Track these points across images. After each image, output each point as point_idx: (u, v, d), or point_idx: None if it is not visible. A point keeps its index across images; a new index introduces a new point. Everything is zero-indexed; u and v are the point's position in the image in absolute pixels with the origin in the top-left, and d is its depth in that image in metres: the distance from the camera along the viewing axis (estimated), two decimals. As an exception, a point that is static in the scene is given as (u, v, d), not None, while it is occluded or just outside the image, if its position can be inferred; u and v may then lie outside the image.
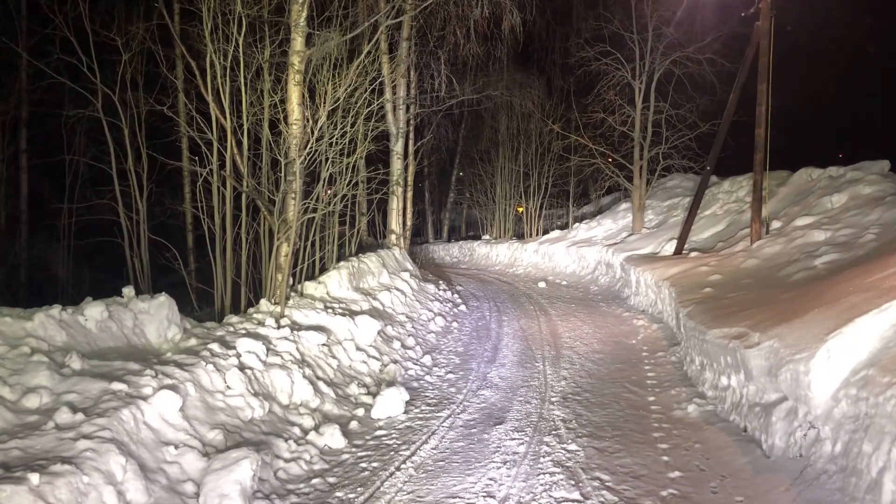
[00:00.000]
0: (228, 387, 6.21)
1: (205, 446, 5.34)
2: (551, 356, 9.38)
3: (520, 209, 26.51)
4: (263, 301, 8.70)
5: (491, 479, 5.40)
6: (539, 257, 20.82)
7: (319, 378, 7.44)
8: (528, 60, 25.23)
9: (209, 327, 7.51)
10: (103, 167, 11.60)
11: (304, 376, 7.08)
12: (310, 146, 9.45)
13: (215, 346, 6.66)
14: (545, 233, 23.31)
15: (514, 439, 6.25)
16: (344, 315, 9.09)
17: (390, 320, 10.32)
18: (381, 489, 5.29)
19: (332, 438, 6.23)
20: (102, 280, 12.83)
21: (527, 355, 9.50)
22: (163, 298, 6.93)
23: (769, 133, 11.57)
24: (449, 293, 14.00)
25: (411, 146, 16.96)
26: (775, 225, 11.93)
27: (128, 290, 7.03)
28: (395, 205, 15.85)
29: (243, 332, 7.43)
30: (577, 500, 5.00)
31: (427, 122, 21.71)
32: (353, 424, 6.75)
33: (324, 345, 8.09)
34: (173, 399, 5.39)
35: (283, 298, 8.79)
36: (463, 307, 13.31)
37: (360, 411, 7.11)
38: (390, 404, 7.09)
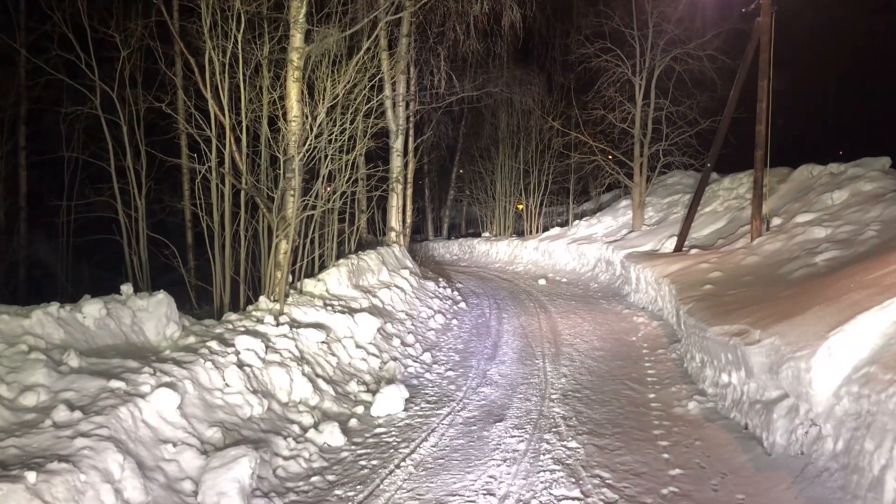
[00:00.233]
0: (227, 384, 6.18)
1: (203, 444, 5.32)
2: (551, 353, 9.35)
3: (520, 206, 26.47)
4: (262, 298, 8.67)
5: (491, 477, 5.38)
6: (539, 255, 20.79)
7: (319, 376, 7.41)
8: (529, 57, 25.22)
9: (208, 325, 7.48)
10: (102, 164, 11.57)
11: (304, 374, 7.06)
12: (309, 143, 9.41)
13: (214, 344, 6.64)
14: (545, 230, 23.26)
15: (514, 437, 6.23)
16: (343, 312, 9.07)
17: (390, 318, 10.30)
18: (381, 487, 5.27)
19: (332, 436, 6.21)
20: (101, 277, 12.78)
21: (527, 352, 9.48)
22: (161, 296, 6.89)
23: (770, 129, 11.53)
24: (449, 290, 13.98)
25: (411, 143, 16.91)
26: (776, 222, 11.90)
27: (126, 288, 6.99)
28: (394, 202, 15.82)
29: (242, 329, 7.40)
30: (578, 498, 4.97)
31: (427, 118, 21.69)
32: (353, 422, 6.73)
33: (323, 342, 8.07)
34: (171, 397, 5.36)
35: (282, 296, 8.77)
36: (463, 304, 13.29)
37: (360, 409, 7.09)
38: (390, 402, 7.07)
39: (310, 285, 9.90)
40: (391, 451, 6.03)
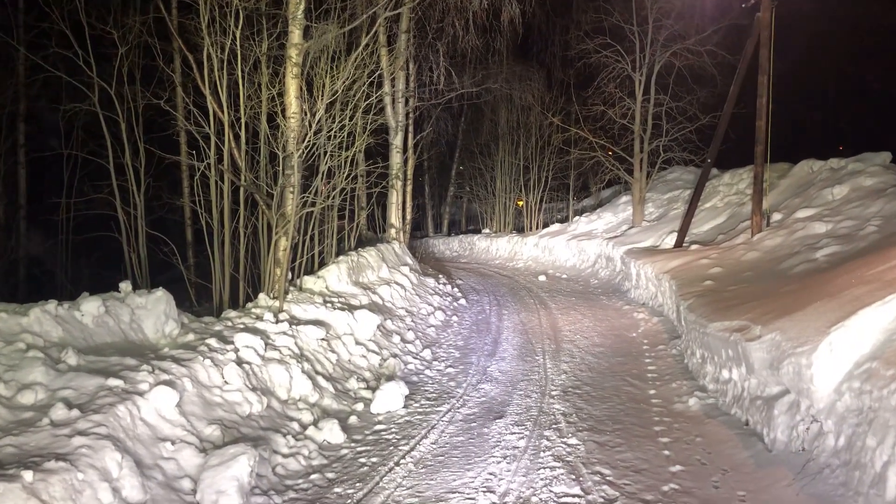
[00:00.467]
0: (226, 382, 6.16)
1: (202, 442, 5.30)
2: (551, 350, 9.34)
3: (520, 203, 26.43)
4: (262, 296, 8.65)
5: (491, 474, 5.36)
6: (539, 251, 20.77)
7: (318, 373, 7.39)
8: (528, 53, 25.19)
9: (207, 322, 7.46)
10: (101, 162, 11.53)
11: (303, 371, 7.04)
12: (308, 139, 9.38)
13: (213, 341, 6.62)
14: (545, 226, 23.25)
15: (514, 433, 6.21)
16: (343, 309, 9.04)
17: (390, 314, 10.28)
18: (380, 484, 5.25)
19: (331, 433, 6.19)
20: (101, 275, 12.78)
21: (527, 349, 9.46)
22: (160, 293, 6.87)
23: (770, 125, 11.50)
24: (449, 287, 13.96)
25: (410, 140, 16.86)
26: (776, 217, 11.88)
27: (125, 285, 6.97)
28: (394, 199, 15.79)
29: (241, 326, 7.39)
30: (578, 495, 4.96)
31: (426, 115, 21.63)
32: (353, 419, 6.71)
33: (323, 339, 8.04)
34: (170, 395, 5.34)
35: (281, 293, 8.74)
36: (463, 301, 13.27)
37: (360, 406, 7.07)
38: (390, 399, 7.05)
39: (309, 282, 9.88)
40: (391, 448, 6.01)
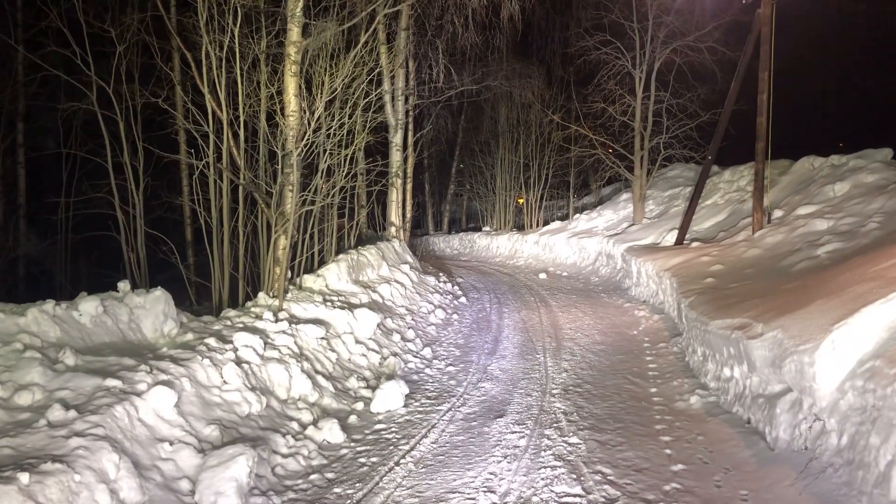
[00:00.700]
0: (225, 382, 6.13)
1: (200, 442, 5.26)
2: (552, 348, 9.30)
3: (520, 200, 26.39)
4: (261, 295, 8.62)
5: (491, 474, 5.33)
6: (539, 248, 20.74)
7: (318, 372, 7.36)
8: (528, 50, 25.13)
9: (206, 321, 7.43)
10: (99, 161, 11.50)
11: (303, 370, 7.00)
12: (307, 138, 9.34)
13: (212, 341, 6.59)
14: (545, 224, 23.21)
15: (515, 433, 6.18)
16: (343, 308, 9.01)
17: (390, 313, 10.24)
18: (380, 484, 5.22)
19: (331, 433, 6.15)
20: (99, 275, 12.75)
21: (527, 347, 9.43)
22: (159, 293, 6.83)
23: (771, 122, 11.45)
24: (449, 285, 13.93)
25: (410, 137, 16.83)
26: (777, 214, 11.83)
27: (123, 285, 6.94)
28: (394, 197, 15.76)
29: (240, 325, 7.35)
30: (579, 495, 4.92)
31: (426, 113, 21.61)
32: (353, 419, 6.68)
33: (322, 338, 8.01)
34: (168, 395, 5.30)
35: (281, 292, 8.71)
36: (463, 299, 13.23)
37: (360, 405, 7.04)
38: (390, 398, 7.02)
39: (309, 281, 9.84)
40: (391, 447, 5.98)
